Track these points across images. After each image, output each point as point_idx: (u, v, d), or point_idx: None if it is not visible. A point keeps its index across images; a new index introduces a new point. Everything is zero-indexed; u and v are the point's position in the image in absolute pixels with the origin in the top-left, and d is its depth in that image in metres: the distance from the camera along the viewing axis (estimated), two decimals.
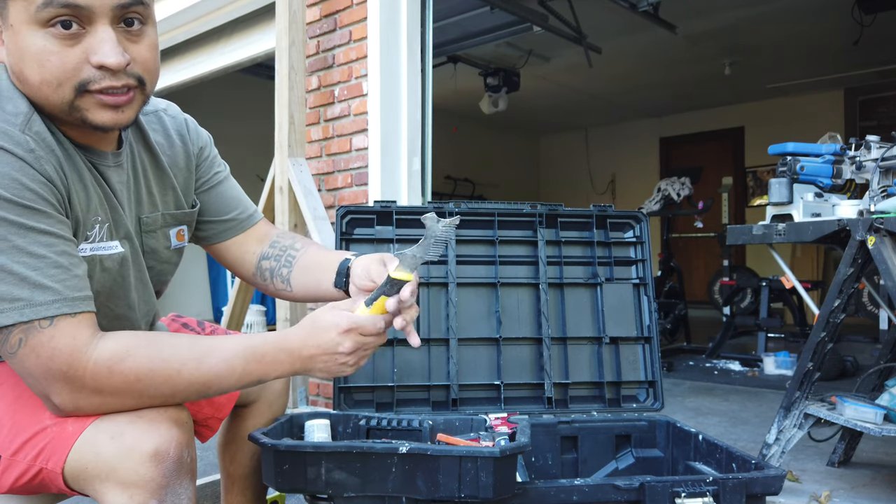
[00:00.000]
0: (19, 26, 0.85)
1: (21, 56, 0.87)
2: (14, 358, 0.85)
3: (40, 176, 0.85)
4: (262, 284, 1.24)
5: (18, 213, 0.83)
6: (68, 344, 0.84)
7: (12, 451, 0.90)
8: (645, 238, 1.88)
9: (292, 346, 0.95)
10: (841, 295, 1.80)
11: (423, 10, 2.88)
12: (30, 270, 0.83)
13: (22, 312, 0.82)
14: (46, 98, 0.88)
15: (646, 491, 1.16)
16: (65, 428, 0.88)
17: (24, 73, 0.87)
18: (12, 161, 0.83)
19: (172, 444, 0.87)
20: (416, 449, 1.10)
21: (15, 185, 0.83)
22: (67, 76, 0.86)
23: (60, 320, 0.84)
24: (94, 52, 0.86)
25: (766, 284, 4.28)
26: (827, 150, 1.97)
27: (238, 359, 0.93)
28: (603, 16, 4.57)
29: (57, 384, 0.85)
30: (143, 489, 0.84)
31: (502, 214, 1.85)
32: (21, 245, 0.83)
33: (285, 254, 1.22)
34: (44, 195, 0.85)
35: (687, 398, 3.33)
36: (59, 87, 0.87)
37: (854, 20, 4.54)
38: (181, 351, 0.91)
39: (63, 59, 0.85)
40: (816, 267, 6.58)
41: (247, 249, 1.24)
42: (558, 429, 1.62)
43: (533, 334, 1.81)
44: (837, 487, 1.93)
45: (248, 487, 1.32)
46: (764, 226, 2.03)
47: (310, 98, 3.04)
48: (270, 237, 1.25)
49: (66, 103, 0.88)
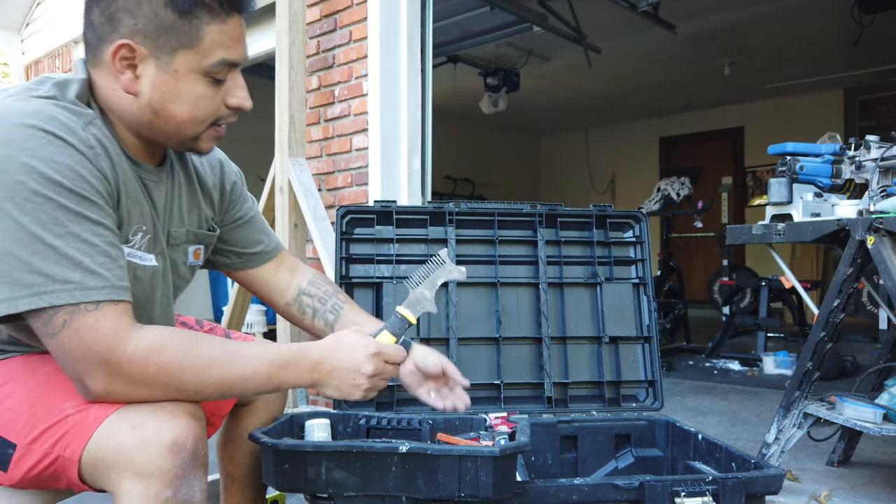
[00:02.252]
0: (185, 73, 0.96)
1: (175, 96, 0.97)
2: (55, 339, 0.87)
3: (96, 171, 0.91)
4: (298, 317, 1.31)
5: (76, 202, 0.88)
6: (112, 328, 0.88)
7: (30, 440, 0.91)
8: (644, 238, 1.89)
9: (314, 357, 1.00)
10: (840, 295, 1.80)
11: (423, 10, 2.88)
12: (83, 256, 0.87)
13: (72, 294, 0.86)
14: (181, 131, 1.00)
15: (645, 490, 1.16)
16: (87, 416, 0.90)
17: (171, 110, 0.98)
18: (73, 153, 0.89)
19: (190, 436, 0.89)
20: (416, 448, 1.10)
21: (75, 176, 0.88)
22: (211, 115, 1.01)
23: (106, 306, 0.88)
24: (232, 96, 1.01)
25: (766, 284, 4.28)
26: (826, 149, 1.97)
27: (263, 364, 0.97)
28: (603, 16, 4.57)
29: (94, 367, 0.88)
30: (160, 480, 0.86)
31: (502, 214, 1.86)
32: (76, 231, 0.87)
33: (331, 300, 1.32)
34: (98, 189, 0.91)
35: (686, 398, 3.33)
36: (201, 124, 1.01)
37: (854, 20, 4.54)
38: (213, 350, 0.95)
39: (214, 103, 1.00)
40: (816, 267, 6.58)
41: (280, 277, 1.32)
42: (558, 428, 1.62)
43: (533, 334, 1.81)
44: (837, 487, 1.93)
45: (248, 486, 1.32)
46: (763, 225, 2.03)
47: (310, 98, 3.04)
48: (304, 273, 1.34)
49: (197, 136, 1.02)
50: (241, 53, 1.00)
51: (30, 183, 0.85)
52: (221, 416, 1.27)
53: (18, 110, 0.89)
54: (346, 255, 1.79)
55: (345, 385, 1.01)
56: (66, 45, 4.71)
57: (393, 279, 1.80)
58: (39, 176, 0.85)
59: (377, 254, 1.81)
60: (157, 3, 0.93)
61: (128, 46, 0.93)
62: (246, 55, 1.02)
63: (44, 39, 4.94)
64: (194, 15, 0.94)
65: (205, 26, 0.95)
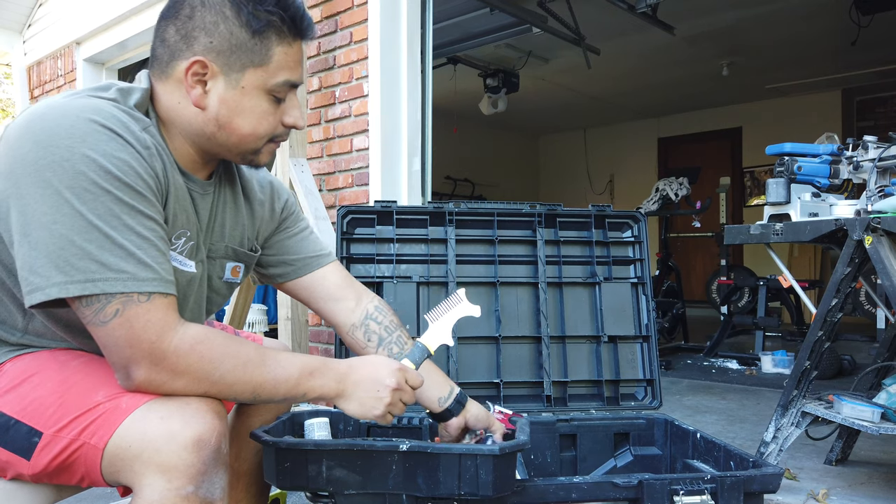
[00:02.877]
0: (252, 90, 1.02)
1: (240, 111, 1.02)
2: (104, 327, 0.89)
3: (151, 169, 0.96)
4: (362, 342, 1.30)
5: (131, 196, 0.91)
6: (161, 319, 0.91)
7: (58, 428, 0.92)
8: (643, 237, 1.89)
9: (342, 368, 1.04)
10: (838, 294, 1.81)
11: (423, 11, 2.89)
12: (136, 248, 0.90)
13: (126, 284, 0.88)
14: (242, 144, 1.05)
15: (644, 489, 1.16)
16: (119, 405, 0.92)
17: (235, 124, 1.03)
18: (131, 151, 0.93)
19: (214, 433, 0.90)
20: (417, 447, 1.11)
21: (131, 172, 0.91)
22: (270, 131, 1.06)
23: (157, 297, 0.91)
24: (288, 115, 1.07)
25: (764, 284, 4.29)
26: (824, 150, 1.98)
27: (294, 368, 1.00)
28: (601, 17, 4.58)
29: (141, 356, 0.90)
30: (183, 474, 0.87)
31: (502, 214, 1.86)
32: (131, 224, 0.90)
33: (396, 332, 1.31)
34: (152, 186, 0.95)
35: (685, 396, 3.34)
36: (261, 139, 1.06)
37: (851, 21, 4.55)
38: (249, 350, 0.98)
39: (274, 119, 1.06)
40: (814, 266, 6.59)
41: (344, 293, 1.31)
42: (557, 427, 1.63)
43: (532, 333, 1.82)
44: (835, 485, 1.94)
45: (252, 484, 1.33)
46: (761, 225, 2.04)
47: (311, 99, 3.05)
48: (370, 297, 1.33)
49: (256, 149, 1.07)
50: (300, 76, 1.07)
51: (90, 174, 0.88)
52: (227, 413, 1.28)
53: (83, 106, 0.92)
54: (346, 255, 1.80)
55: (368, 397, 1.04)
56: (69, 46, 4.71)
57: (393, 279, 1.81)
58: (99, 168, 0.88)
59: (378, 253, 1.82)
60: (234, 23, 0.98)
61: (201, 63, 0.98)
62: (304, 78, 1.07)
63: (46, 40, 4.95)
64: (265, 36, 1.00)
65: (274, 47, 1.01)
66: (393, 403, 1.05)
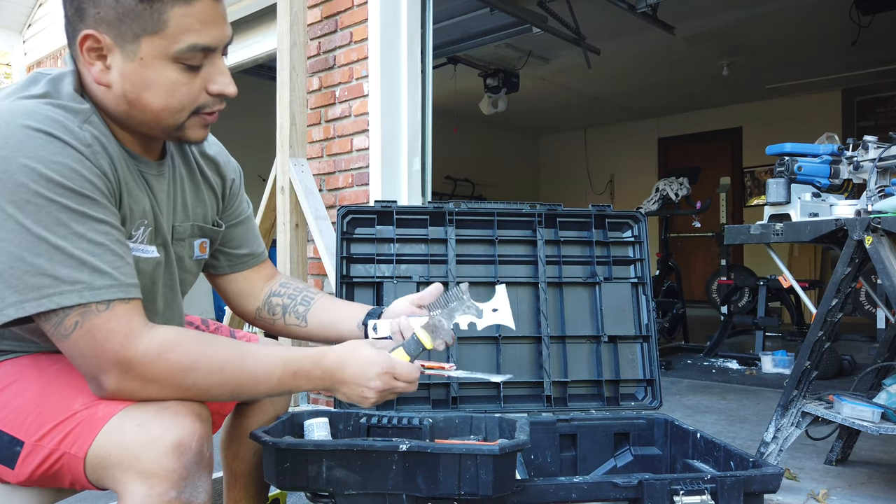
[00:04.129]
0: (151, 60, 0.92)
1: (145, 85, 0.94)
2: (67, 340, 0.87)
3: (96, 169, 0.90)
4: (268, 319, 1.29)
5: (79, 202, 0.87)
6: (123, 327, 0.88)
7: (38, 437, 0.91)
8: (643, 237, 1.89)
9: (329, 365, 1.01)
10: (838, 294, 1.81)
11: (423, 11, 2.88)
12: (89, 256, 0.87)
13: (81, 294, 0.86)
14: (161, 121, 0.97)
15: (644, 489, 1.16)
16: (95, 413, 0.90)
17: (144, 100, 0.94)
18: (72, 153, 0.88)
19: (195, 437, 0.89)
20: (417, 447, 1.10)
21: (75, 176, 0.87)
22: (189, 103, 0.97)
23: (116, 305, 0.88)
24: (213, 81, 0.97)
25: (764, 284, 4.29)
26: (824, 150, 1.98)
27: (276, 367, 0.97)
28: (602, 17, 4.58)
29: (108, 366, 0.88)
30: (164, 480, 0.85)
31: (502, 214, 1.86)
32: (81, 231, 0.87)
33: (301, 294, 1.28)
34: (99, 187, 0.90)
35: (685, 396, 3.34)
36: (180, 112, 0.97)
37: (852, 21, 4.55)
38: (226, 351, 0.94)
39: (191, 90, 0.96)
40: (814, 266, 6.59)
41: (254, 285, 1.30)
42: (557, 427, 1.63)
43: (532, 333, 1.82)
44: (835, 485, 1.94)
45: (251, 484, 1.33)
46: (762, 225, 2.04)
47: (311, 99, 3.05)
48: (279, 279, 1.32)
49: (179, 124, 0.98)
50: (215, 37, 0.95)
51: (31, 185, 0.84)
52: (223, 416, 1.28)
53: (12, 111, 0.88)
54: (346, 255, 1.80)
55: (354, 395, 1.03)
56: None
57: (393, 279, 1.81)
58: (39, 177, 0.84)
59: (378, 253, 1.82)
60: None
61: (93, 37, 0.91)
62: (224, 37, 0.97)
63: (46, 40, 4.94)
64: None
65: (168, 10, 0.90)
66: (379, 400, 1.03)
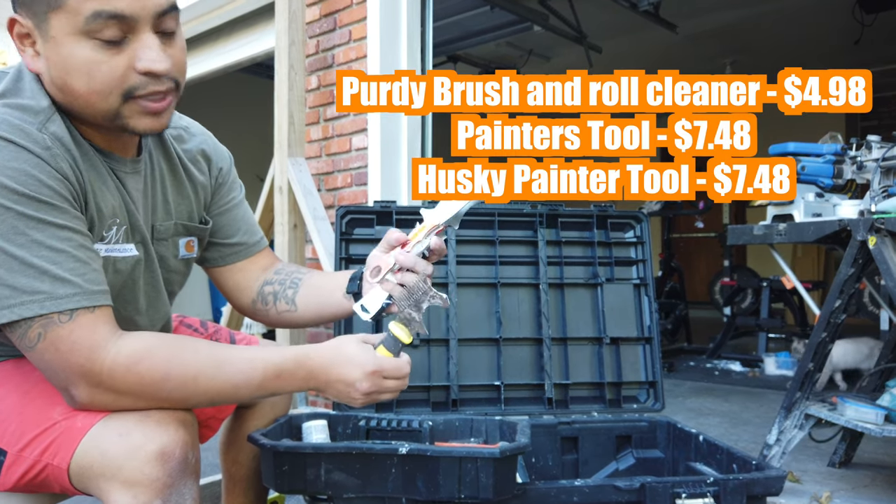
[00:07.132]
0: (63, 38, 0.85)
1: (65, 67, 0.87)
2: (33, 352, 0.85)
3: (56, 172, 0.86)
4: (263, 310, 1.24)
5: (36, 209, 0.83)
6: (87, 338, 0.85)
7: (20, 447, 0.90)
8: (645, 238, 1.88)
9: (314, 366, 0.97)
10: (842, 295, 1.80)
11: (423, 9, 2.87)
12: (50, 264, 0.83)
13: (42, 305, 0.83)
14: (93, 107, 0.89)
15: (646, 492, 1.15)
16: (74, 423, 0.88)
17: (70, 84, 0.87)
18: (29, 158, 0.84)
19: (178, 444, 0.87)
20: (416, 450, 1.10)
21: (32, 182, 0.83)
22: (116, 84, 0.87)
23: (80, 314, 0.85)
24: (139, 58, 0.87)
25: (767, 285, 4.27)
26: (828, 150, 1.97)
27: (256, 371, 0.93)
28: (604, 15, 4.57)
29: (75, 378, 0.85)
30: (148, 489, 0.84)
31: (502, 214, 1.85)
32: (40, 239, 0.83)
33: (290, 278, 1.23)
34: (60, 191, 0.86)
35: (688, 399, 3.33)
36: (109, 96, 0.88)
37: (855, 20, 4.54)
38: (200, 358, 0.91)
39: (112, 69, 0.86)
40: (817, 267, 6.58)
41: (250, 276, 1.24)
42: (559, 429, 1.62)
43: (533, 335, 1.80)
44: (838, 488, 1.93)
45: (250, 488, 1.32)
46: (765, 226, 2.03)
47: (309, 97, 3.03)
48: (275, 267, 1.26)
49: (113, 111, 0.89)
50: (127, 3, 0.84)
51: None
52: (220, 420, 1.27)
53: None
54: (345, 256, 1.79)
55: (342, 395, 0.99)
56: None
57: None
58: None
59: None
60: None
61: (18, 22, 0.87)
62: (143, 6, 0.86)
63: None
64: None
65: None
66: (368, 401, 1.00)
